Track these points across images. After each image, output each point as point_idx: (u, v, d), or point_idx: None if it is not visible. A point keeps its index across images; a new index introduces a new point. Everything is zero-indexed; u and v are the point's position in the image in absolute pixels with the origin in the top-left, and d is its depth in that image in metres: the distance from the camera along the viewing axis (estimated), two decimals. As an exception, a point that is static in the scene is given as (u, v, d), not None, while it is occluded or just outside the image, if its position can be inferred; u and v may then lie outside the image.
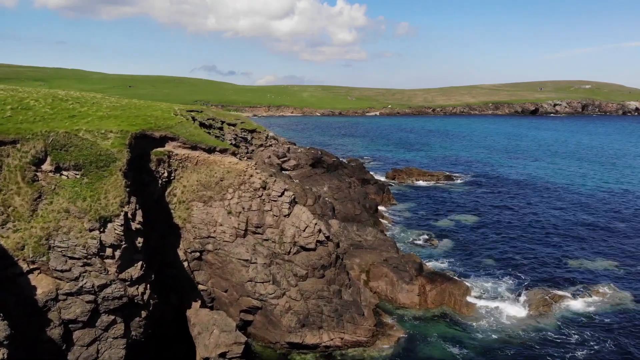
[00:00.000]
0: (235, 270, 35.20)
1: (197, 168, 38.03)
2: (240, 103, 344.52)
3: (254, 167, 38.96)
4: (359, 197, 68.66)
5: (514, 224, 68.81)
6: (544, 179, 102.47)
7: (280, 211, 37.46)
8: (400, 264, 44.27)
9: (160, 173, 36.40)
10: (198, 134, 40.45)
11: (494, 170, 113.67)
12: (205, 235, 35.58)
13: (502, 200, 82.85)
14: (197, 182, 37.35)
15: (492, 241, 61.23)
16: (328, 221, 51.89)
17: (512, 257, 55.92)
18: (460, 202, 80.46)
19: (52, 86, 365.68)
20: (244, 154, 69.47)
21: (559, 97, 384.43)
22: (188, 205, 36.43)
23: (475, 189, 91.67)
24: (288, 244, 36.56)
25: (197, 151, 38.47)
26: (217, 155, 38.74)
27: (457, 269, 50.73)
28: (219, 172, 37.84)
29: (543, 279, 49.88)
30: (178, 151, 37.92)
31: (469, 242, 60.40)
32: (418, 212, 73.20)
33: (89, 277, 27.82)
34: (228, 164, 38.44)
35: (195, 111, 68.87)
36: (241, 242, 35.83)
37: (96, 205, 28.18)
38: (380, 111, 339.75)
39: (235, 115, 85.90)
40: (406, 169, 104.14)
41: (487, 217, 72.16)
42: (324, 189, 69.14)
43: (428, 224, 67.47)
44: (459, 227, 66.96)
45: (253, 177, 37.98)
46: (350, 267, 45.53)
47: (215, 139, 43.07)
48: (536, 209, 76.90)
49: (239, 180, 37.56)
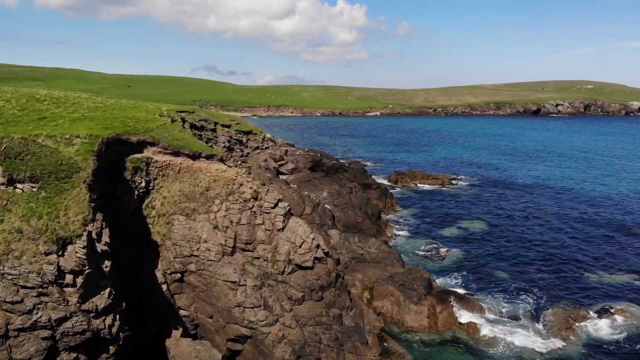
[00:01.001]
0: (222, 293, 30.93)
1: (179, 176, 33.78)
2: (240, 103, 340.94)
3: (244, 175, 34.70)
4: (361, 204, 64.40)
5: (525, 231, 64.56)
6: (553, 182, 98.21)
7: (274, 225, 33.21)
8: (407, 281, 39.99)
9: (137, 183, 32.15)
10: (182, 138, 36.20)
11: (500, 172, 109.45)
12: (188, 254, 31.32)
13: (510, 205, 78.59)
14: (179, 193, 33.10)
15: (503, 251, 56.99)
16: (328, 231, 47.66)
17: (526, 270, 51.71)
18: (466, 208, 76.23)
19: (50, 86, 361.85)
20: (238, 157, 65.26)
21: (561, 97, 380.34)
22: (168, 219, 32.17)
23: (482, 192, 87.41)
24: (282, 263, 32.30)
25: (179, 157, 34.22)
26: (202, 161, 34.49)
27: (469, 285, 46.47)
28: (205, 181, 33.60)
29: (561, 295, 45.65)
30: (158, 157, 33.67)
31: (479, 252, 56.16)
32: (423, 219, 68.93)
33: (44, 309, 23.58)
34: (215, 171, 34.19)
35: (186, 112, 64.64)
36: (228, 261, 31.57)
37: (54, 224, 23.93)
38: (380, 111, 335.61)
39: (230, 116, 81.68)
40: (409, 172, 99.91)
41: (496, 224, 67.94)
42: (323, 195, 64.91)
43: (434, 232, 63.20)
44: (467, 235, 62.71)
45: (243, 187, 33.73)
46: (351, 283, 41.29)
47: (201, 142, 38.78)
48: (546, 215, 72.61)
49: (227, 190, 33.32)
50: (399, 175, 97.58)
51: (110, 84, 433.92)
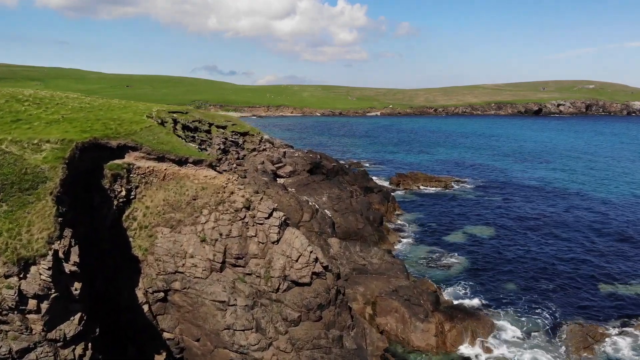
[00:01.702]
0: (209, 314, 28.02)
1: (164, 184, 30.87)
2: (240, 103, 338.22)
3: (235, 182, 31.77)
4: (362, 208, 61.47)
5: (532, 237, 61.65)
6: (558, 184, 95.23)
7: (268, 237, 30.30)
8: (412, 296, 37.07)
9: (117, 191, 29.24)
10: (168, 142, 33.28)
11: (504, 174, 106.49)
12: (172, 271, 28.41)
13: (516, 209, 75.65)
14: (164, 202, 30.19)
15: (511, 259, 54.09)
16: (327, 240, 44.76)
17: (537, 280, 48.84)
18: (471, 212, 73.30)
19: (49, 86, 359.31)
20: (234, 160, 62.34)
21: (562, 97, 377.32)
22: (151, 232, 29.25)
23: (486, 196, 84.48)
24: (276, 279, 29.39)
25: (164, 163, 31.30)
26: (189, 167, 31.58)
27: (478, 298, 43.53)
28: (192, 189, 30.68)
29: (576, 309, 42.79)
30: (140, 163, 30.75)
31: (486, 260, 53.26)
32: (427, 224, 65.99)
33: (4, 339, 20.70)
34: (203, 178, 31.28)
35: (179, 112, 61.74)
36: (217, 278, 28.65)
37: (15, 242, 21.02)
38: (381, 111, 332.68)
39: (226, 117, 78.76)
40: (411, 174, 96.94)
41: (502, 229, 65.03)
42: (322, 199, 61.96)
43: (439, 239, 60.27)
44: (473, 241, 59.80)
45: (234, 195, 30.81)
46: (353, 297, 38.38)
47: (190, 146, 35.87)
48: (554, 219, 69.68)
49: (217, 199, 30.40)
50: (401, 177, 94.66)
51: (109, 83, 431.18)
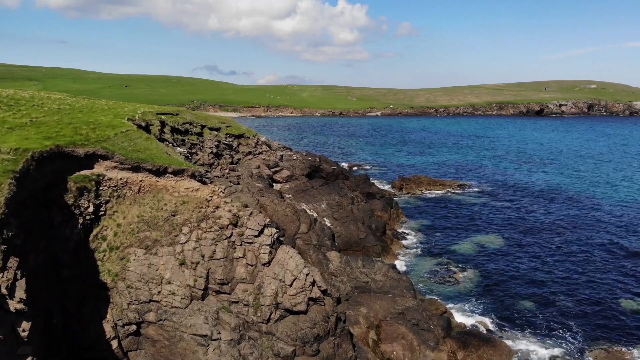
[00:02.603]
0: (189, 350, 24.18)
1: (139, 198, 27.02)
2: (239, 103, 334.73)
3: (221, 194, 27.93)
4: (364, 216, 57.62)
5: (544, 247, 57.76)
6: (568, 188, 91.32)
7: (257, 258, 26.45)
8: (421, 320, 33.22)
9: (83, 207, 25.38)
10: (146, 148, 29.44)
11: (510, 177, 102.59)
12: (146, 299, 24.57)
13: (525, 215, 71.78)
14: (138, 219, 26.35)
15: (524, 272, 50.22)
16: (326, 254, 40.90)
17: (553, 295, 44.99)
18: (479, 219, 69.41)
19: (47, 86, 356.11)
20: (227, 165, 58.47)
21: (564, 97, 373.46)
22: (123, 254, 25.40)
23: (493, 201, 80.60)
24: (267, 307, 25.54)
25: (140, 173, 27.46)
26: (168, 178, 27.74)
27: (491, 318, 39.65)
28: (171, 204, 26.85)
29: (599, 329, 38.97)
30: (112, 174, 26.89)
31: (498, 274, 49.40)
32: (432, 232, 62.11)
33: None
34: (184, 190, 27.44)
35: (168, 114, 57.90)
36: (198, 307, 24.81)
37: (-58, 275, 17.21)
38: (381, 111, 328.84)
39: (220, 118, 74.92)
40: (414, 178, 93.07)
41: (511, 237, 61.15)
42: (321, 206, 58.13)
43: (446, 249, 56.40)
44: (483, 252, 55.96)
45: (220, 210, 26.95)
46: (354, 320, 34.53)
47: (173, 154, 32.05)
48: (566, 227, 65.77)
49: (199, 215, 26.56)
50: (404, 180, 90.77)
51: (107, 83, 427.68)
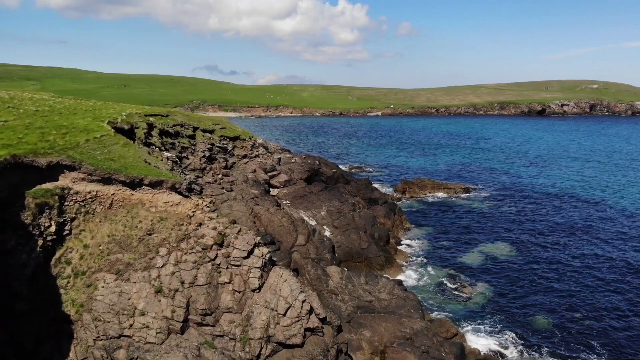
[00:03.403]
0: (164, 395, 20.77)
1: (110, 214, 23.57)
2: (238, 103, 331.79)
3: (205, 209, 24.49)
4: (366, 224, 54.16)
5: (559, 257, 54.29)
6: (578, 191, 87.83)
7: (246, 283, 23.01)
8: (432, 346, 29.74)
9: (44, 227, 21.92)
10: (121, 156, 25.99)
11: (517, 180, 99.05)
12: (116, 334, 21.13)
13: (535, 221, 68.26)
14: (109, 239, 22.90)
15: (538, 285, 46.76)
16: (325, 269, 37.42)
17: (571, 312, 41.57)
18: (486, 226, 65.93)
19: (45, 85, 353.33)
20: (220, 169, 54.98)
21: (566, 97, 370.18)
22: (90, 280, 21.97)
23: (500, 205, 77.10)
24: (257, 341, 22.09)
25: (112, 186, 24.02)
26: (145, 191, 24.30)
27: (507, 340, 36.14)
28: (147, 221, 23.41)
29: (624, 351, 35.56)
30: (80, 187, 23.45)
31: (510, 287, 45.94)
32: (439, 241, 58.65)
33: None
34: (163, 205, 24.00)
35: (158, 115, 54.45)
36: (176, 342, 21.36)
37: None
38: (382, 111, 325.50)
39: (215, 119, 71.44)
40: (417, 181, 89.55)
41: (522, 246, 57.67)
42: (321, 214, 54.69)
43: (453, 259, 52.94)
44: (492, 262, 52.50)
45: (203, 227, 23.51)
46: (357, 345, 31.06)
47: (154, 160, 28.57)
48: (579, 234, 62.29)
49: (179, 234, 23.12)
50: (407, 184, 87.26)
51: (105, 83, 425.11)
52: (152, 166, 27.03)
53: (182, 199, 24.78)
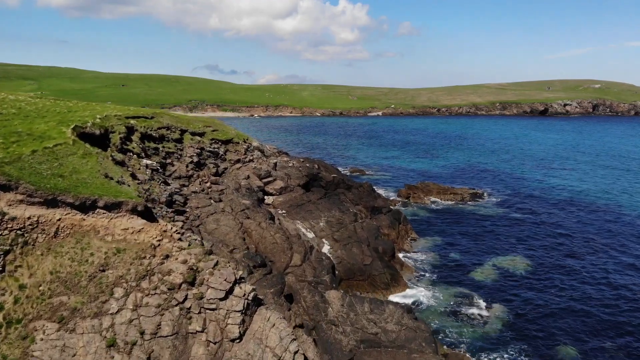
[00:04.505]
0: None
1: (56, 245, 19.00)
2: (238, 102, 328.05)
3: (175, 236, 19.93)
4: (369, 236, 49.58)
5: (578, 271, 49.64)
6: (593, 196, 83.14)
7: (224, 332, 18.43)
8: (449, 394, 25.15)
9: (-36, 263, 17.39)
10: (75, 171, 21.43)
11: (525, 184, 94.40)
12: (52, 404, 16.58)
13: (548, 230, 63.61)
14: (53, 277, 18.32)
15: (559, 305, 42.12)
16: (324, 294, 32.80)
17: (597, 336, 37.17)
18: (496, 235, 61.30)
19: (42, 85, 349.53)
20: (209, 177, 50.35)
21: (568, 97, 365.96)
22: (26, 330, 17.38)
23: (510, 212, 72.46)
24: (236, 407, 17.48)
25: (58, 209, 19.47)
26: (99, 215, 19.74)
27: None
28: (100, 253, 18.84)
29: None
30: (16, 211, 18.88)
31: (529, 309, 41.27)
32: (448, 254, 54.02)
33: None
34: (121, 232, 19.45)
35: (141, 118, 49.84)
36: (132, 413, 16.82)
37: None
38: (383, 111, 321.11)
39: (206, 121, 66.78)
40: (422, 185, 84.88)
41: (537, 259, 53.06)
42: (320, 225, 50.15)
43: (465, 275, 48.31)
44: (507, 278, 47.87)
45: (171, 261, 18.94)
46: (360, 389, 26.46)
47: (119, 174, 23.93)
48: (598, 245, 57.60)
49: (140, 270, 18.56)
50: (411, 189, 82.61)
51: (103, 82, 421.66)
52: (113, 182, 22.43)
53: (146, 224, 20.22)
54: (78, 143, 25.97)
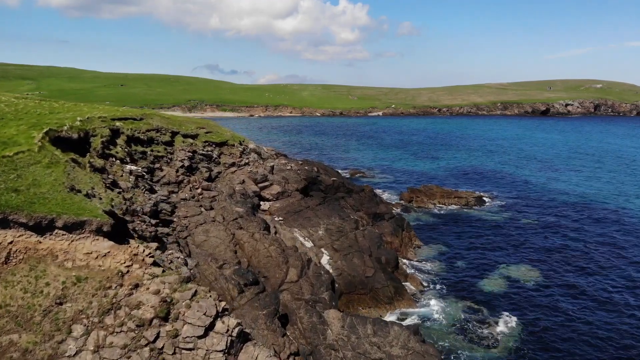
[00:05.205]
0: None
1: (5, 274, 16.05)
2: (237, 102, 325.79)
3: (147, 260, 17.06)
4: (371, 246, 46.72)
5: (594, 282, 46.75)
6: (603, 199, 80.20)
7: (203, 375, 15.54)
8: None
9: None
10: (34, 184, 18.58)
11: (531, 186, 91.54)
12: None
13: (560, 236, 60.74)
14: (1, 311, 15.51)
15: (575, 321, 39.21)
16: (323, 314, 29.96)
17: (621, 358, 34.25)
18: (505, 242, 58.43)
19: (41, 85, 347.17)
20: (200, 182, 47.46)
21: (570, 97, 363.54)
22: (-38, 378, 14.62)
23: (518, 217, 69.54)
24: None
25: (9, 230, 16.58)
26: (58, 237, 16.86)
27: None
28: (57, 283, 16.00)
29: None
30: (-43, 233, 16.08)
31: (544, 325, 38.35)
32: (454, 263, 51.15)
33: None
34: (84, 257, 16.60)
35: (129, 119, 46.95)
36: None
37: None
38: (383, 111, 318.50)
39: (200, 122, 63.87)
40: (425, 188, 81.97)
41: (549, 269, 50.17)
42: (319, 233, 47.31)
43: (473, 287, 45.41)
44: (518, 291, 44.96)
45: (140, 292, 16.16)
46: None
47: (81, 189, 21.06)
48: (614, 253, 54.80)
49: (104, 302, 15.72)
50: (414, 192, 79.74)
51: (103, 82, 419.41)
52: (78, 197, 19.56)
53: (114, 246, 17.37)
54: (46, 150, 23.13)
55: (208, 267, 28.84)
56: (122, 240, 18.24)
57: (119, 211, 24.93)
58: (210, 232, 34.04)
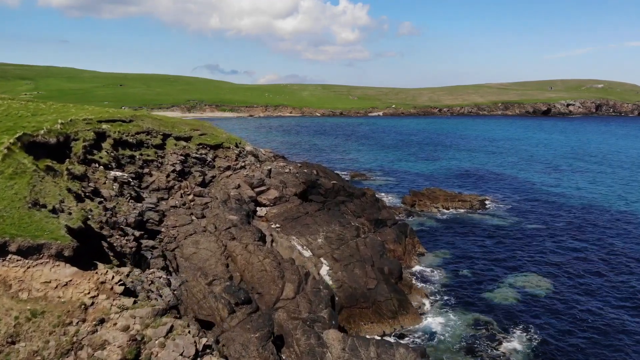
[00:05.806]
0: None
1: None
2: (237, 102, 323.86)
3: (117, 289, 14.67)
4: (373, 255, 44.28)
5: (608, 293, 44.26)
6: (611, 203, 77.79)
7: None
8: None
9: None
10: None
11: (536, 189, 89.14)
12: None
13: (569, 243, 58.30)
14: None
15: (590, 338, 36.75)
16: (321, 335, 27.55)
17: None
18: (512, 249, 55.98)
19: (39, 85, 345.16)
20: (192, 188, 44.99)
21: (571, 97, 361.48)
22: None
23: (524, 222, 67.05)
24: None
25: (-48, 256, 14.25)
26: (12, 264, 14.39)
27: None
28: (9, 318, 13.56)
29: None
30: None
31: (557, 342, 35.90)
32: (460, 272, 48.71)
33: None
34: (41, 287, 14.17)
35: (117, 121, 44.49)
36: None
37: None
38: (383, 111, 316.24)
39: (194, 124, 61.40)
40: (428, 191, 79.55)
41: (559, 278, 47.69)
42: (318, 241, 44.87)
43: (481, 299, 42.94)
44: (528, 303, 42.49)
45: (106, 328, 13.74)
46: None
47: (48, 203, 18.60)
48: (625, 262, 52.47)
49: (63, 341, 13.30)
50: (416, 196, 77.33)
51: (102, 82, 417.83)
52: (40, 214, 17.10)
53: (77, 273, 14.93)
54: (12, 158, 20.74)
55: (196, 284, 26.43)
56: (89, 265, 15.80)
57: (96, 224, 22.56)
58: (201, 243, 31.61)
